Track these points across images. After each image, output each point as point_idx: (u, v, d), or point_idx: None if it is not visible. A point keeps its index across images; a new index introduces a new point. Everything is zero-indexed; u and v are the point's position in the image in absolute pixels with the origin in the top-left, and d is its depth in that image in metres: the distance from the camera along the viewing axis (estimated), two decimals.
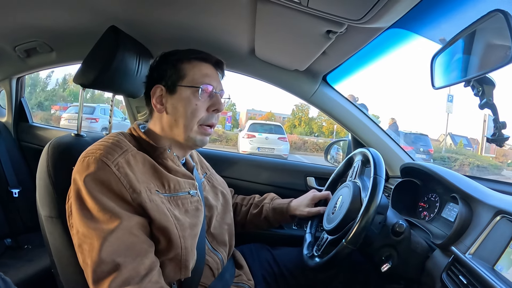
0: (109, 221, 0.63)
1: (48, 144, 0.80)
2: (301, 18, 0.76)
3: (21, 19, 1.15)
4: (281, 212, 1.05)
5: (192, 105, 0.77)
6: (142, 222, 0.67)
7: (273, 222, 1.06)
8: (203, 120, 0.79)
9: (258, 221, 1.07)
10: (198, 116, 0.78)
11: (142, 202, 0.67)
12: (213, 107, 0.80)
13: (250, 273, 0.98)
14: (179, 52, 0.82)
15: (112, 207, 0.64)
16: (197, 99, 0.78)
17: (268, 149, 8.78)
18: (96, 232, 0.62)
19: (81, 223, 0.64)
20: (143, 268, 0.63)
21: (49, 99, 17.29)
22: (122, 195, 0.66)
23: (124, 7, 0.99)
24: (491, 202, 0.77)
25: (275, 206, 1.06)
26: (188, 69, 0.79)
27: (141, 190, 0.67)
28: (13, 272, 1.20)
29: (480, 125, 12.49)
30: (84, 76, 0.93)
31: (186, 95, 0.77)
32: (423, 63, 8.70)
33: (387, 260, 0.82)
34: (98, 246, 0.61)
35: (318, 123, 21.50)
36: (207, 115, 0.79)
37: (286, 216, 1.05)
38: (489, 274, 0.63)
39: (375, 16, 0.64)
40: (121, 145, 0.71)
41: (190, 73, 0.79)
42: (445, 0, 0.68)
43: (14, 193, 1.49)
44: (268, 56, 1.17)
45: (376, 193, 0.75)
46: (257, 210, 1.07)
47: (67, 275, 0.77)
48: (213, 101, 0.80)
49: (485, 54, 0.65)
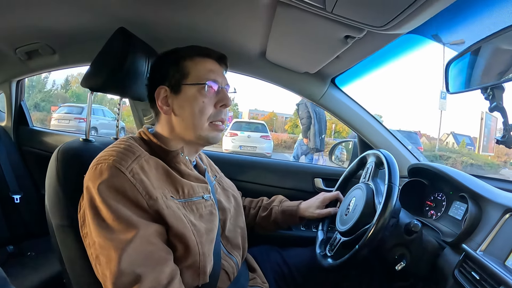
0: (126, 230, 0.61)
1: (57, 150, 0.78)
2: (321, 23, 0.76)
3: (22, 20, 1.12)
4: (290, 214, 1.05)
5: (199, 103, 0.75)
6: (160, 230, 0.66)
7: (282, 224, 1.06)
8: (212, 116, 0.77)
9: (267, 224, 1.07)
10: (207, 114, 0.76)
11: (160, 209, 0.65)
12: (220, 103, 0.78)
13: (264, 276, 0.98)
14: (179, 50, 0.80)
15: (128, 216, 0.62)
16: (204, 96, 0.76)
17: (250, 147, 8.65)
18: (113, 243, 0.60)
19: (97, 234, 0.62)
20: (164, 277, 0.62)
21: (46, 100, 17.11)
22: (138, 202, 0.64)
23: (132, 8, 0.98)
24: (500, 201, 0.80)
25: (284, 209, 1.06)
26: (191, 66, 0.77)
27: (157, 197, 0.66)
28: (19, 281, 1.17)
29: (478, 123, 12.34)
30: (92, 80, 0.91)
31: (192, 93, 0.75)
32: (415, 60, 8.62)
33: (401, 259, 0.84)
34: (116, 257, 0.59)
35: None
36: (215, 111, 0.78)
37: (296, 219, 1.05)
38: (501, 269, 0.65)
39: (398, 24, 0.64)
40: (134, 150, 0.69)
41: (193, 71, 0.76)
42: (463, 6, 0.70)
43: (15, 199, 1.45)
44: (279, 59, 1.17)
45: (391, 200, 0.77)
46: (266, 212, 1.07)
47: (80, 285, 0.75)
48: (220, 97, 0.78)
49: (501, 62, 0.67)
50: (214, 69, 0.79)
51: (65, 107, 10.47)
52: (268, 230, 1.09)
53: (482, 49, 0.68)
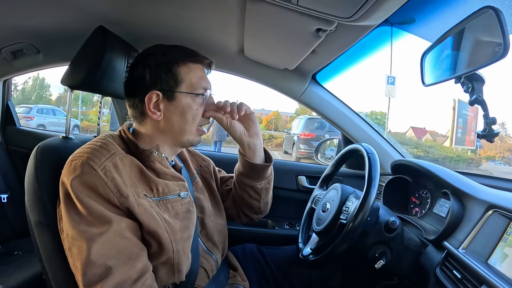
0: (99, 224, 0.62)
1: (36, 148, 0.78)
2: (291, 16, 0.76)
3: (6, 20, 1.13)
4: (243, 165, 0.92)
5: (193, 111, 0.76)
6: (133, 226, 0.66)
7: (248, 182, 0.93)
8: (201, 123, 0.79)
9: (242, 186, 0.94)
10: (198, 120, 0.78)
11: (130, 206, 0.65)
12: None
13: (244, 274, 0.97)
14: (168, 51, 0.77)
15: (101, 211, 0.63)
16: (198, 105, 0.77)
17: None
18: (85, 235, 0.61)
19: (70, 226, 0.63)
20: (134, 271, 0.62)
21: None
22: (110, 199, 0.64)
23: (111, 7, 0.98)
24: (483, 197, 0.78)
25: (236, 168, 0.95)
26: (184, 73, 0.76)
27: (128, 194, 0.66)
28: (3, 279, 1.17)
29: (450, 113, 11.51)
30: (71, 78, 0.92)
31: (187, 102, 0.75)
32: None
33: (381, 257, 0.82)
34: (87, 248, 0.60)
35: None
36: (203, 118, 0.80)
37: (246, 163, 0.90)
38: (483, 268, 0.63)
39: (365, 14, 0.64)
40: (109, 148, 0.69)
41: (187, 78, 0.76)
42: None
43: (2, 198, 1.45)
44: (257, 55, 1.17)
45: (369, 195, 0.76)
46: (233, 182, 0.98)
47: (58, 280, 0.75)
48: (208, 104, 0.80)
49: (474, 51, 0.66)
50: (204, 76, 0.79)
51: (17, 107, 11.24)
52: (251, 203, 0.96)
53: (454, 38, 0.67)
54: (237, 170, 0.95)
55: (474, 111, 10.45)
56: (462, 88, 0.71)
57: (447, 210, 0.89)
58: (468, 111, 10.64)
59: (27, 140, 1.61)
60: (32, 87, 19.00)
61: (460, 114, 10.56)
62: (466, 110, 10.55)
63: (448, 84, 0.72)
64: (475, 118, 10.75)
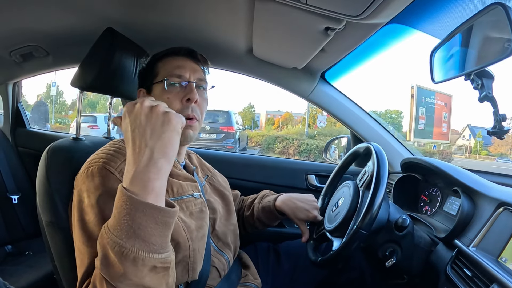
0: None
1: (47, 149, 0.80)
2: (300, 15, 0.76)
3: (15, 23, 1.14)
4: (269, 211, 0.99)
5: (164, 99, 0.74)
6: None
7: (267, 222, 1.01)
8: (180, 112, 0.74)
9: (254, 222, 1.03)
10: (173, 108, 0.72)
11: None
12: (185, 97, 0.76)
13: (257, 273, 0.97)
14: (156, 54, 0.83)
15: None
16: (168, 92, 0.76)
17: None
18: (89, 250, 0.60)
19: (78, 237, 0.63)
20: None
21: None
22: None
23: (120, 8, 0.99)
24: (493, 195, 0.77)
25: (264, 205, 1.01)
26: (160, 66, 0.80)
27: None
28: (15, 279, 1.19)
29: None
30: (81, 79, 0.93)
31: (158, 91, 0.77)
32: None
33: (391, 255, 0.82)
34: (87, 264, 0.60)
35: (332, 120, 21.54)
36: (181, 107, 0.76)
37: (274, 215, 0.99)
38: (494, 266, 0.63)
39: (373, 12, 0.64)
40: (123, 151, 0.70)
41: (162, 70, 0.79)
42: None
43: (13, 199, 1.48)
44: (266, 55, 1.17)
45: (378, 193, 0.75)
46: (249, 212, 1.04)
47: (69, 280, 0.75)
48: (185, 91, 0.77)
49: (483, 47, 0.65)
50: (183, 65, 0.79)
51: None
52: (257, 229, 1.06)
53: (463, 35, 0.67)
54: (259, 213, 1.01)
55: (445, 100, 8.98)
56: (472, 85, 0.71)
57: (457, 208, 0.89)
58: (436, 99, 9.08)
59: (37, 142, 1.64)
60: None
61: (422, 103, 8.90)
62: (431, 98, 9.03)
63: (407, 67, 0.72)
64: (447, 107, 9.32)
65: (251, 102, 11.31)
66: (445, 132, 9.60)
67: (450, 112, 9.44)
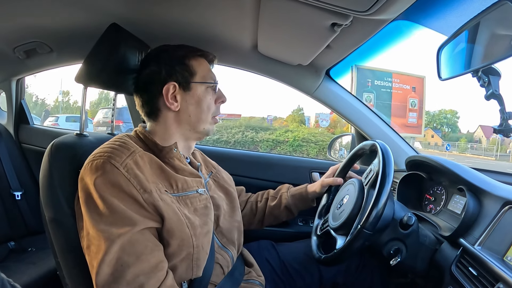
0: (120, 224, 0.63)
1: (51, 145, 0.79)
2: (306, 11, 0.75)
3: (19, 19, 1.14)
4: (300, 196, 1.07)
5: (207, 100, 0.83)
6: (153, 230, 0.68)
7: (293, 209, 1.07)
8: (214, 112, 0.86)
9: (279, 212, 1.08)
10: (212, 110, 0.85)
11: (154, 201, 0.66)
12: (219, 100, 0.87)
13: (260, 270, 0.97)
14: (181, 48, 0.85)
15: (123, 211, 0.64)
16: (211, 94, 0.85)
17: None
18: (104, 234, 0.62)
19: (90, 225, 0.64)
20: (147, 265, 0.63)
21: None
22: (133, 196, 0.65)
23: (124, 4, 0.98)
24: (499, 193, 0.77)
25: (293, 193, 1.08)
26: (196, 66, 0.83)
27: (151, 189, 0.67)
28: (18, 275, 1.19)
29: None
30: (85, 75, 0.92)
31: (202, 91, 0.82)
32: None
33: (396, 254, 0.81)
34: (105, 248, 0.61)
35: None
36: (216, 107, 0.87)
37: (307, 199, 1.07)
38: (499, 265, 0.62)
39: (381, 8, 0.63)
40: (128, 146, 0.71)
41: (199, 70, 0.83)
42: None
43: (16, 195, 1.49)
44: (271, 51, 1.16)
45: (384, 191, 0.74)
46: (276, 201, 1.08)
47: (73, 276, 0.76)
48: (218, 94, 0.87)
49: (490, 44, 0.65)
50: (210, 69, 0.88)
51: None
52: (279, 219, 1.09)
53: (470, 32, 0.67)
54: (288, 200, 1.07)
55: (412, 83, 6.86)
56: (478, 83, 0.71)
57: (462, 207, 0.88)
58: (395, 81, 7.25)
59: (40, 138, 1.64)
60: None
61: (368, 87, 6.84)
62: (385, 81, 6.98)
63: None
64: (416, 92, 7.35)
65: (300, 104, 11.48)
66: (413, 123, 7.69)
67: (423, 97, 7.60)
